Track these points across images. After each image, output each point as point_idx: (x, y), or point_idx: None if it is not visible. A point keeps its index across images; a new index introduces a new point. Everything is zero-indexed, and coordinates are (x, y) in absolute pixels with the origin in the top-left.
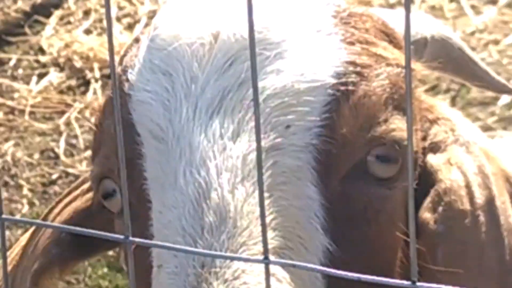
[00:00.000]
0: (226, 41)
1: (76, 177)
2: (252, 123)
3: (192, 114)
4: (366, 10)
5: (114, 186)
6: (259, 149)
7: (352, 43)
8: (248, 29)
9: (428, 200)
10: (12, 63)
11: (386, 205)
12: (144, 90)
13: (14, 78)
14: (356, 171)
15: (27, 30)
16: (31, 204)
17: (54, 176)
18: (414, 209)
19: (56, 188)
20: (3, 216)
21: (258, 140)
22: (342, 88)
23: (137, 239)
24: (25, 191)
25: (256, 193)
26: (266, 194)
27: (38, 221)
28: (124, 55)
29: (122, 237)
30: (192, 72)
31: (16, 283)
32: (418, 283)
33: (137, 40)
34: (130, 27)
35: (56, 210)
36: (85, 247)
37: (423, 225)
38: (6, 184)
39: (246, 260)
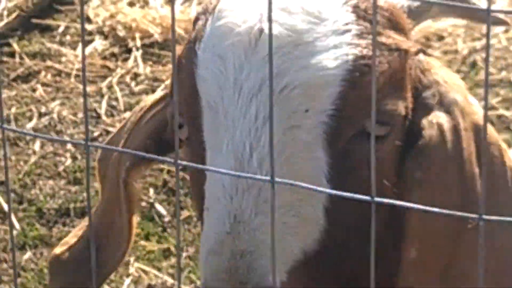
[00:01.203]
0: (267, 39)
1: None
2: (279, 108)
3: (237, 96)
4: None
5: (181, 121)
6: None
7: (364, 38)
8: (268, 26)
9: (412, 152)
10: (60, 30)
11: (377, 154)
12: (205, 68)
13: (62, 43)
14: (357, 133)
15: (75, 0)
16: (73, 158)
17: (96, 134)
18: (403, 160)
19: (97, 144)
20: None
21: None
22: (352, 80)
23: (184, 162)
24: (68, 146)
25: (281, 168)
26: (286, 161)
27: (118, 148)
28: (197, 19)
29: (172, 160)
30: (241, 61)
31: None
32: (376, 198)
33: (205, 11)
34: (170, 0)
35: (143, 120)
36: (164, 150)
37: (406, 172)
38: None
39: (253, 178)
